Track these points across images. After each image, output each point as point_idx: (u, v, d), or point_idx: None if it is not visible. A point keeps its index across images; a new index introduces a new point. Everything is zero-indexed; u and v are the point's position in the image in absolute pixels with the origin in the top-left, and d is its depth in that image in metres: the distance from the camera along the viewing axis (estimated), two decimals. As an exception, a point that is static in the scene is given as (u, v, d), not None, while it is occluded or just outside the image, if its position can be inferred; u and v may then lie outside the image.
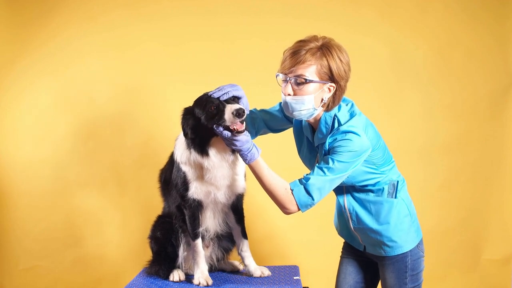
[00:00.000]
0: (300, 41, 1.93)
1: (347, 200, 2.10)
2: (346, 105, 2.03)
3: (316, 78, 1.89)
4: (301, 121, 2.12)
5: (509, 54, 3.23)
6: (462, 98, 3.23)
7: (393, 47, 3.20)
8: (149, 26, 3.12)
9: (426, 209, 3.25)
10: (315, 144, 2.05)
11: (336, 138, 1.91)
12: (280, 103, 2.26)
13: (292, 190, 1.92)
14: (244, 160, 1.94)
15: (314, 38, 1.92)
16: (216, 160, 2.00)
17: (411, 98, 3.22)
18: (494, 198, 3.28)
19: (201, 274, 2.10)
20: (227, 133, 1.89)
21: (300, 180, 1.94)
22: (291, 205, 1.93)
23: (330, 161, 1.89)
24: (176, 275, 2.17)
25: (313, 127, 2.06)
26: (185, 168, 2.08)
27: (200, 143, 1.99)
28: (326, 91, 1.93)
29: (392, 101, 3.22)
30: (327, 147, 1.95)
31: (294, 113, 1.94)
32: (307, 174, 1.94)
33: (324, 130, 1.98)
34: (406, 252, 2.08)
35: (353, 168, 1.92)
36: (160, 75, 3.16)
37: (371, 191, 2.06)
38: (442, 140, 3.24)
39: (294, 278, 2.21)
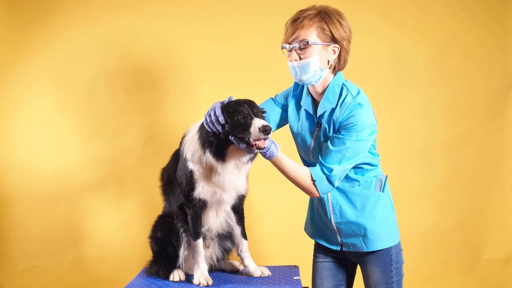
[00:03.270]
0: (299, 10, 2.01)
1: (331, 193, 2.09)
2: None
3: (318, 40, 1.95)
4: (300, 96, 2.15)
5: (509, 54, 3.23)
6: (462, 98, 3.23)
7: (393, 47, 3.20)
8: (149, 26, 3.12)
9: (426, 209, 3.27)
10: (318, 113, 2.04)
11: (351, 112, 1.93)
12: (271, 98, 2.31)
13: (314, 181, 1.96)
14: (264, 156, 1.95)
15: (313, 7, 2.01)
16: (230, 166, 2.00)
17: (411, 98, 3.22)
18: (494, 198, 3.29)
19: (201, 274, 2.10)
20: (244, 146, 1.87)
21: (322, 170, 1.95)
22: (313, 191, 1.99)
23: (348, 141, 1.92)
24: (176, 275, 2.16)
25: (316, 100, 2.08)
26: (193, 166, 2.06)
27: (217, 148, 1.95)
28: (331, 53, 1.99)
29: (392, 101, 3.22)
30: (340, 122, 1.95)
31: (303, 77, 1.99)
32: (326, 161, 1.94)
33: (331, 97, 2.01)
34: (391, 246, 2.08)
35: (369, 145, 1.98)
36: (160, 74, 3.15)
37: (358, 182, 2.06)
38: (442, 140, 3.24)
39: (294, 278, 2.21)
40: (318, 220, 2.22)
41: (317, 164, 1.98)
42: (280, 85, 2.35)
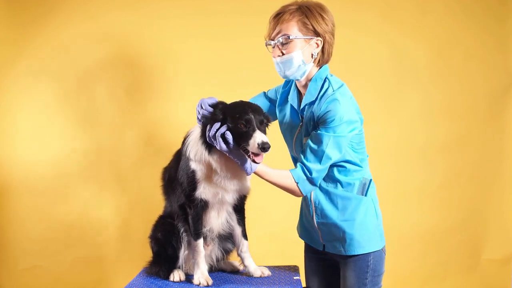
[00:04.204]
0: (282, 6, 2.01)
1: (314, 193, 2.07)
2: (338, 79, 2.05)
3: (299, 34, 1.95)
4: (288, 92, 2.14)
5: (509, 54, 3.23)
6: (462, 98, 3.23)
7: (393, 47, 3.20)
8: (149, 26, 3.12)
9: (426, 209, 3.27)
10: (301, 105, 2.03)
11: (328, 106, 1.89)
12: (263, 92, 2.31)
13: (297, 183, 1.94)
14: (245, 170, 1.94)
15: (295, 1, 2.00)
16: (230, 167, 1.99)
17: (411, 98, 3.22)
18: (494, 198, 3.29)
19: (201, 274, 2.10)
20: (237, 157, 1.88)
21: (303, 171, 1.94)
22: (297, 192, 1.98)
23: (326, 137, 1.88)
24: (177, 275, 2.16)
25: (302, 93, 2.08)
26: (196, 166, 2.04)
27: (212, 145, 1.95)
28: (314, 46, 1.98)
29: (392, 101, 3.22)
30: (317, 116, 1.93)
31: (286, 73, 1.99)
32: (307, 160, 1.92)
33: (313, 90, 1.99)
34: (369, 252, 2.03)
35: (348, 141, 1.94)
36: (160, 74, 3.16)
37: (340, 183, 2.03)
38: (442, 140, 3.24)
39: (294, 278, 2.21)
40: (304, 220, 2.22)
41: (298, 164, 1.96)
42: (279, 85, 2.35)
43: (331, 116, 1.88)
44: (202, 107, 1.98)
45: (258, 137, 1.84)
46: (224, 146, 1.87)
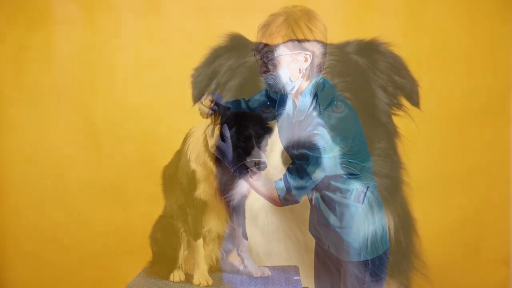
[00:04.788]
0: (270, 15, 1.92)
1: (315, 195, 2.05)
2: (332, 87, 1.98)
3: (285, 51, 1.86)
4: (287, 96, 2.08)
5: (509, 54, 3.23)
6: (462, 98, 3.23)
7: (393, 47, 3.19)
8: (149, 26, 3.12)
9: (426, 209, 3.26)
10: (293, 120, 1.99)
11: (312, 129, 1.84)
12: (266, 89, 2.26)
13: (279, 196, 1.92)
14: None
15: (284, 10, 1.91)
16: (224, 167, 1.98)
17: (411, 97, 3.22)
18: (494, 198, 3.28)
19: (201, 274, 2.10)
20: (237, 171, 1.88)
21: (286, 185, 1.91)
22: (278, 204, 1.96)
23: (310, 157, 1.85)
24: (177, 275, 2.16)
25: (296, 103, 2.02)
26: (196, 167, 2.05)
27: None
28: (302, 61, 1.89)
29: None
30: (304, 136, 1.89)
31: (273, 89, 1.94)
32: (290, 175, 1.90)
33: (302, 107, 1.93)
34: (366, 259, 1.99)
35: (335, 160, 1.89)
36: (161, 75, 3.15)
37: (339, 190, 1.99)
38: (441, 140, 3.23)
39: (294, 278, 2.21)
40: (310, 216, 2.20)
41: (283, 176, 1.93)
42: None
43: (316, 139, 1.84)
44: (202, 103, 1.96)
45: (255, 155, 1.83)
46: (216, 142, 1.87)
